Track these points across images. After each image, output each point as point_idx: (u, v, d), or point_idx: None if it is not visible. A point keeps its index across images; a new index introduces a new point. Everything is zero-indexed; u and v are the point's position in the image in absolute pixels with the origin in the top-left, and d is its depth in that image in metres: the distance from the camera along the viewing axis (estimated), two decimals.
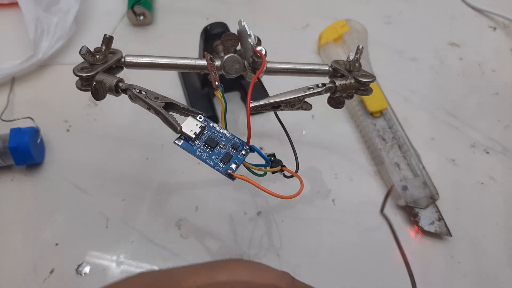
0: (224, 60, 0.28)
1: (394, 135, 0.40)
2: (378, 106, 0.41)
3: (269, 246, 0.35)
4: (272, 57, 0.28)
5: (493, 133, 0.43)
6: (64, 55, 0.46)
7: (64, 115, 0.41)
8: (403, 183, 0.37)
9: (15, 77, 0.43)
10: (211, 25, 0.37)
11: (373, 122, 0.41)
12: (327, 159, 0.40)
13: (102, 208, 0.36)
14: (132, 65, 0.28)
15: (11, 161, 0.36)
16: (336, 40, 0.47)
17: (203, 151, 0.24)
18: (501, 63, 0.49)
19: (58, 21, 0.45)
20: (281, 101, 0.27)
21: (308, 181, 0.38)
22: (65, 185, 0.37)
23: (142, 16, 0.48)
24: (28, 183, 0.37)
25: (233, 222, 0.36)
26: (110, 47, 0.27)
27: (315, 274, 0.34)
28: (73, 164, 0.38)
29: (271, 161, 0.27)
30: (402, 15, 0.53)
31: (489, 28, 0.51)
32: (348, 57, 0.28)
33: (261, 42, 0.27)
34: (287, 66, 0.29)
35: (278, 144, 0.40)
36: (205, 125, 0.25)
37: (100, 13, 0.50)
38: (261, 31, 0.30)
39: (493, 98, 0.46)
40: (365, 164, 0.40)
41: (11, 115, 0.40)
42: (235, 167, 0.24)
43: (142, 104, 0.25)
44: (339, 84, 0.28)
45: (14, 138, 0.36)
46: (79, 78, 0.26)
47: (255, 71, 0.28)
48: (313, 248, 0.35)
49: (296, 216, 0.37)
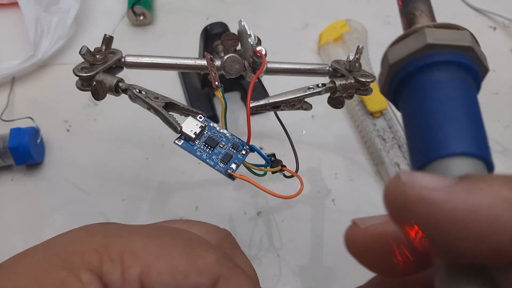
0: (224, 60, 0.28)
1: (394, 135, 0.40)
2: (378, 106, 0.41)
3: (269, 246, 0.35)
4: (272, 57, 0.28)
5: (493, 133, 0.43)
6: (64, 55, 0.45)
7: (64, 115, 0.41)
8: None
9: (15, 77, 0.43)
10: (211, 25, 0.37)
11: (373, 122, 0.41)
12: (327, 159, 0.40)
13: (102, 208, 0.36)
14: (132, 65, 0.28)
15: (11, 161, 0.36)
16: (336, 40, 0.47)
17: (203, 151, 0.25)
18: (501, 63, 0.48)
19: (58, 21, 0.44)
20: (281, 101, 0.27)
21: (308, 181, 0.38)
22: (65, 185, 0.37)
23: (142, 16, 0.48)
24: (28, 183, 0.37)
25: (233, 222, 0.36)
26: (110, 47, 0.27)
27: (315, 274, 0.34)
28: (73, 164, 0.38)
29: (271, 161, 0.27)
30: None
31: (489, 28, 0.51)
32: (348, 57, 0.28)
33: (261, 42, 0.27)
34: (287, 66, 0.29)
35: (278, 144, 0.40)
36: (205, 125, 0.25)
37: (100, 13, 0.50)
38: (261, 31, 0.30)
39: (493, 98, 0.46)
40: (365, 164, 0.40)
41: (11, 115, 0.40)
42: (235, 167, 0.24)
43: (142, 104, 0.25)
44: (339, 84, 0.28)
45: (14, 138, 0.36)
46: (79, 78, 0.26)
47: (255, 71, 0.28)
48: (313, 248, 0.35)
49: (296, 216, 0.37)
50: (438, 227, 0.12)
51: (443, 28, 0.17)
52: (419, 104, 0.16)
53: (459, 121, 0.15)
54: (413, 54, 0.17)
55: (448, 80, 0.16)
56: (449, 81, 0.16)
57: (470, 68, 0.17)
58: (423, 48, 0.17)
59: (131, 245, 0.18)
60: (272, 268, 0.34)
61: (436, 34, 0.17)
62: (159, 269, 0.17)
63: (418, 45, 0.17)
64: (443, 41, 0.17)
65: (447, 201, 0.12)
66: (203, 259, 0.18)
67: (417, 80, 0.17)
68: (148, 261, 0.17)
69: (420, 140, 0.16)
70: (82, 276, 0.16)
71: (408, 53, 0.17)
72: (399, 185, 0.13)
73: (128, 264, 0.17)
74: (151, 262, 0.17)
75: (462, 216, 0.12)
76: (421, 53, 0.17)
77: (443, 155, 0.15)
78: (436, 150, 0.15)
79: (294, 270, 0.34)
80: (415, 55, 0.17)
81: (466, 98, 0.16)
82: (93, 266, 0.17)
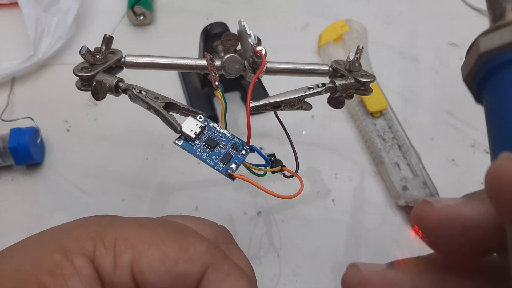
0: (224, 60, 0.28)
1: (394, 135, 0.40)
2: (378, 106, 0.41)
3: (269, 246, 0.35)
4: (272, 57, 0.28)
5: None
6: (64, 55, 0.46)
7: (64, 115, 0.41)
8: (403, 183, 0.37)
9: (15, 77, 0.43)
10: (211, 25, 0.37)
11: (373, 122, 0.41)
12: (327, 159, 0.40)
13: (102, 208, 0.36)
14: (132, 65, 0.28)
15: (11, 161, 0.36)
16: (336, 40, 0.47)
17: (203, 151, 0.24)
18: None
19: (58, 21, 0.45)
20: (281, 101, 0.27)
21: (308, 181, 0.38)
22: (65, 185, 0.37)
23: (142, 16, 0.48)
24: (28, 183, 0.37)
25: (233, 222, 0.36)
26: (110, 47, 0.27)
27: (315, 274, 0.34)
28: (73, 164, 0.38)
29: (271, 161, 0.27)
30: (402, 15, 0.53)
31: None
32: (348, 57, 0.28)
33: (261, 42, 0.27)
34: (287, 66, 0.29)
35: (278, 144, 0.40)
36: (205, 125, 0.25)
37: (100, 13, 0.50)
38: (261, 31, 0.30)
39: None
40: (365, 164, 0.40)
41: (11, 115, 0.40)
42: (235, 167, 0.24)
43: (142, 104, 0.25)
44: (339, 84, 0.28)
45: (14, 138, 0.36)
46: (79, 78, 0.26)
47: (255, 71, 0.28)
48: (313, 248, 0.35)
49: (296, 216, 0.37)
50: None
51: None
52: (510, 95, 0.16)
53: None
54: (508, 45, 0.16)
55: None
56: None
57: None
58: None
59: (125, 233, 0.18)
60: (272, 268, 0.34)
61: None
62: (150, 255, 0.18)
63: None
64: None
65: None
66: (194, 247, 0.18)
67: (509, 71, 0.16)
68: (140, 248, 0.18)
69: (508, 135, 0.15)
70: (75, 260, 0.17)
71: (502, 44, 0.17)
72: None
73: (120, 250, 0.17)
74: (143, 249, 0.18)
75: None
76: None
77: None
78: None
79: (294, 270, 0.34)
80: (509, 47, 0.16)
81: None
82: (87, 251, 0.17)
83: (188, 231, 0.20)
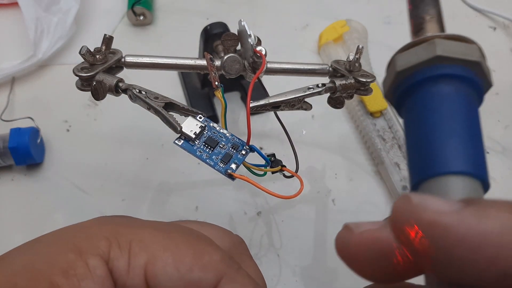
0: (224, 60, 0.28)
1: (394, 135, 0.40)
2: (378, 106, 0.41)
3: (269, 246, 0.35)
4: (272, 57, 0.28)
5: (493, 133, 0.43)
6: (64, 55, 0.46)
7: (64, 115, 0.41)
8: (403, 183, 0.37)
9: (15, 77, 0.43)
10: (211, 25, 0.37)
11: (373, 122, 0.41)
12: (327, 159, 0.40)
13: (102, 208, 0.36)
14: (132, 65, 0.28)
15: (11, 161, 0.36)
16: (336, 40, 0.47)
17: (203, 151, 0.25)
18: (501, 63, 0.48)
19: (58, 21, 0.44)
20: (281, 101, 0.27)
21: (308, 181, 0.38)
22: (65, 185, 0.37)
23: (142, 16, 0.48)
24: (28, 183, 0.37)
25: (233, 222, 0.36)
26: (110, 47, 0.27)
27: (315, 274, 0.34)
28: (73, 164, 0.38)
29: (271, 161, 0.27)
30: (402, 15, 0.53)
31: (489, 28, 0.51)
32: (348, 57, 0.28)
33: (261, 42, 0.27)
34: (287, 66, 0.29)
35: (278, 144, 0.40)
36: (205, 125, 0.25)
37: (100, 13, 0.50)
38: (261, 31, 0.30)
39: (493, 98, 0.46)
40: (365, 164, 0.40)
41: (11, 115, 0.40)
42: (235, 167, 0.24)
43: (142, 104, 0.25)
44: (339, 84, 0.28)
45: (14, 138, 0.36)
46: (79, 78, 0.26)
47: (255, 71, 0.28)
48: (313, 248, 0.35)
49: (296, 216, 0.37)
50: (449, 250, 0.13)
51: (453, 39, 0.17)
52: (423, 115, 0.16)
53: (461, 139, 0.15)
54: (421, 64, 0.17)
55: (454, 95, 0.16)
56: (454, 96, 0.16)
57: (476, 83, 0.17)
58: (433, 59, 0.17)
59: (140, 235, 0.18)
60: (272, 268, 0.34)
61: (446, 46, 0.17)
62: (164, 260, 0.17)
63: (427, 55, 0.17)
64: (453, 54, 0.17)
65: (459, 226, 0.13)
66: (209, 255, 0.18)
67: (423, 90, 0.17)
68: (155, 251, 0.18)
69: (421, 153, 0.16)
70: (89, 260, 0.16)
71: (416, 62, 0.17)
72: (409, 207, 0.14)
73: (135, 252, 0.17)
74: (157, 252, 0.18)
75: (473, 240, 0.12)
76: (430, 63, 0.17)
77: (443, 172, 0.15)
78: (436, 166, 0.15)
79: (294, 270, 0.34)
80: (423, 65, 0.17)
81: (469, 114, 0.16)
82: (101, 251, 0.17)
83: (203, 239, 0.20)
